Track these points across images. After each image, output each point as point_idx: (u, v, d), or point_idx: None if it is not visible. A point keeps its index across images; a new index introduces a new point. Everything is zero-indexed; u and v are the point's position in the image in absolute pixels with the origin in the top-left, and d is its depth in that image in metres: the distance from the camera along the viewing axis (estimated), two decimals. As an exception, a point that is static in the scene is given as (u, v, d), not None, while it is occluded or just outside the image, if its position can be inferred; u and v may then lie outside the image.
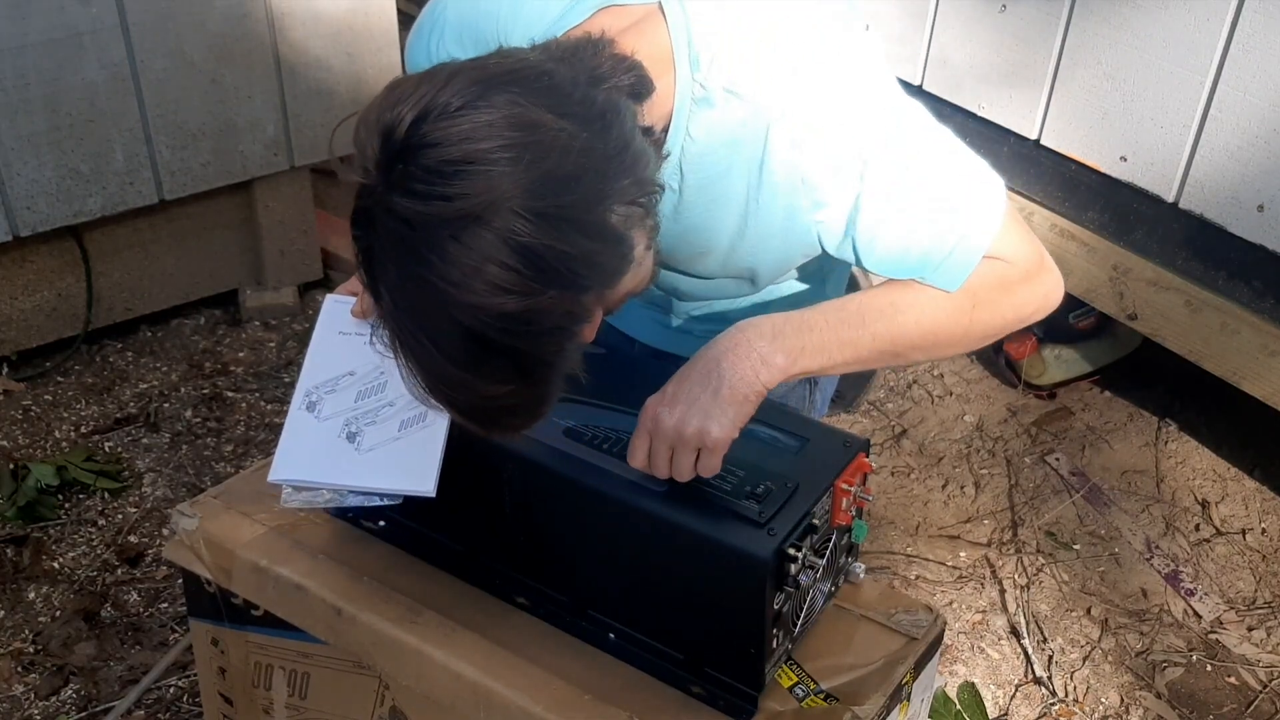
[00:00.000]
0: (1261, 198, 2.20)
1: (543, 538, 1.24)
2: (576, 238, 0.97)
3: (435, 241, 0.94)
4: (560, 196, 0.96)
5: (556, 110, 0.98)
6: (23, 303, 2.75)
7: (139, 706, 2.04)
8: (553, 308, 0.98)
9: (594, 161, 0.98)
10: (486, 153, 0.94)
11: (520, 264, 0.94)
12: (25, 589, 2.27)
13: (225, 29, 2.68)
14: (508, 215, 0.93)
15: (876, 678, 1.22)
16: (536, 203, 0.94)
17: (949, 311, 1.18)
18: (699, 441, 1.12)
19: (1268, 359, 2.27)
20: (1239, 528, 2.51)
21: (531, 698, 1.18)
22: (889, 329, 1.18)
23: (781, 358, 1.13)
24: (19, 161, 2.53)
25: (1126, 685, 2.18)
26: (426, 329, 0.97)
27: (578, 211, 0.98)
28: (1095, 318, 2.79)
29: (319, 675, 1.37)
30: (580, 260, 0.98)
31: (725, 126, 1.16)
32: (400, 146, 0.95)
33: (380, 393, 1.27)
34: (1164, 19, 2.26)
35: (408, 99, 0.96)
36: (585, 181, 0.98)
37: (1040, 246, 1.22)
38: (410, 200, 0.94)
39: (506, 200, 0.93)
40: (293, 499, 1.27)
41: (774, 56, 1.14)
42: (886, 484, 2.62)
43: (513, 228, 0.93)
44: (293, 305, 3.07)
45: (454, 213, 0.93)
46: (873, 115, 1.16)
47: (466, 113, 0.95)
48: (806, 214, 1.19)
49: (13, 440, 2.62)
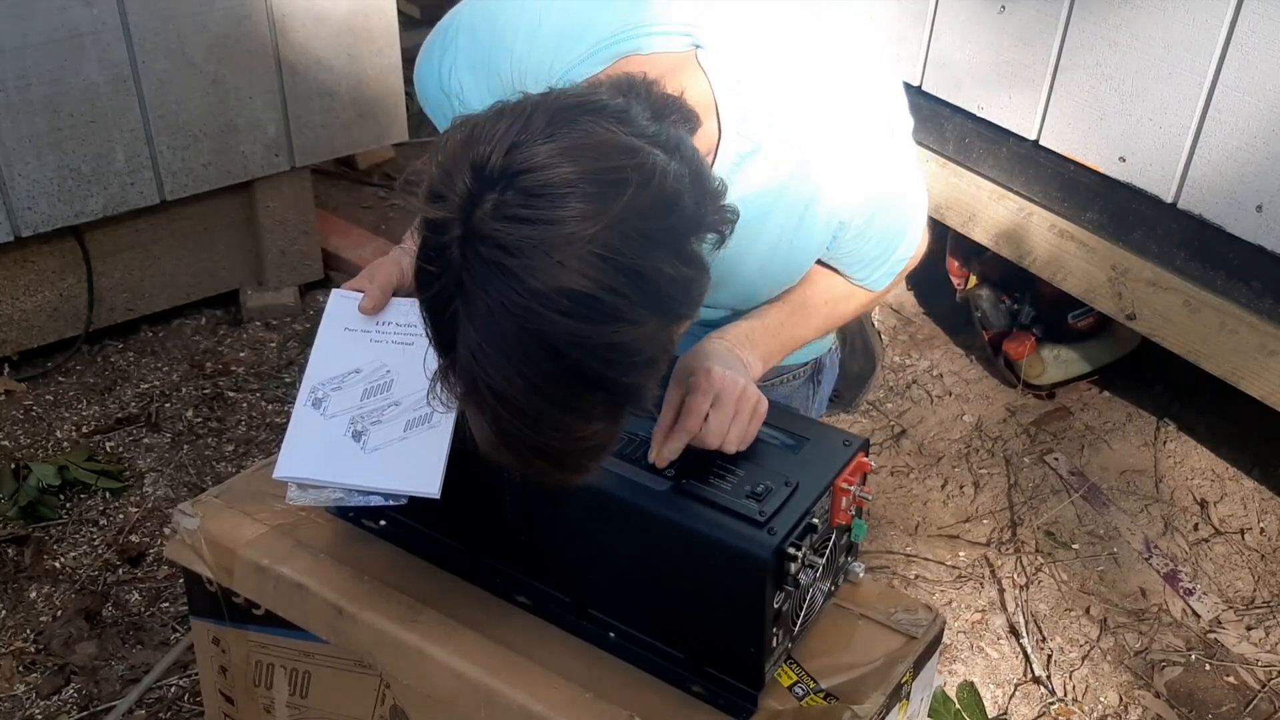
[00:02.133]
0: (1260, 198, 2.20)
1: (543, 537, 1.24)
2: (677, 263, 0.94)
3: (540, 268, 0.87)
4: (664, 219, 0.92)
5: (642, 137, 0.95)
6: (24, 303, 2.75)
7: (140, 706, 2.05)
8: (653, 336, 0.94)
9: (685, 187, 0.95)
10: (589, 174, 0.89)
11: (630, 289, 0.90)
12: (27, 588, 2.28)
13: (226, 30, 2.68)
14: (615, 237, 0.88)
15: (876, 677, 1.23)
16: (643, 224, 0.90)
17: (870, 299, 1.39)
18: (758, 407, 1.18)
19: (1266, 359, 2.28)
20: (1237, 527, 2.52)
21: (532, 696, 1.18)
22: (827, 320, 1.38)
23: (759, 363, 1.27)
24: (20, 162, 2.54)
25: (1125, 684, 2.19)
26: (521, 367, 0.89)
27: (676, 236, 0.94)
28: (1094, 318, 2.79)
29: (320, 674, 1.37)
30: (680, 286, 0.95)
31: (775, 175, 1.20)
32: (496, 174, 0.89)
33: (386, 392, 1.27)
34: (1163, 20, 2.26)
35: (492, 133, 0.91)
36: (683, 205, 0.95)
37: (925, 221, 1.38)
38: (509, 225, 0.87)
39: (614, 221, 0.88)
40: (298, 497, 1.27)
41: (816, 107, 1.19)
42: (886, 484, 2.63)
43: (620, 250, 0.89)
44: (293, 305, 3.07)
45: (559, 237, 0.87)
46: (893, 159, 1.26)
47: (559, 139, 0.90)
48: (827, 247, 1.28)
49: (14, 440, 2.62)
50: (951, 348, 3.08)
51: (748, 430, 1.17)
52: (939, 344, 3.09)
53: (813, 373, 1.55)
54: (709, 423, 1.15)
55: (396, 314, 1.30)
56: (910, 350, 3.07)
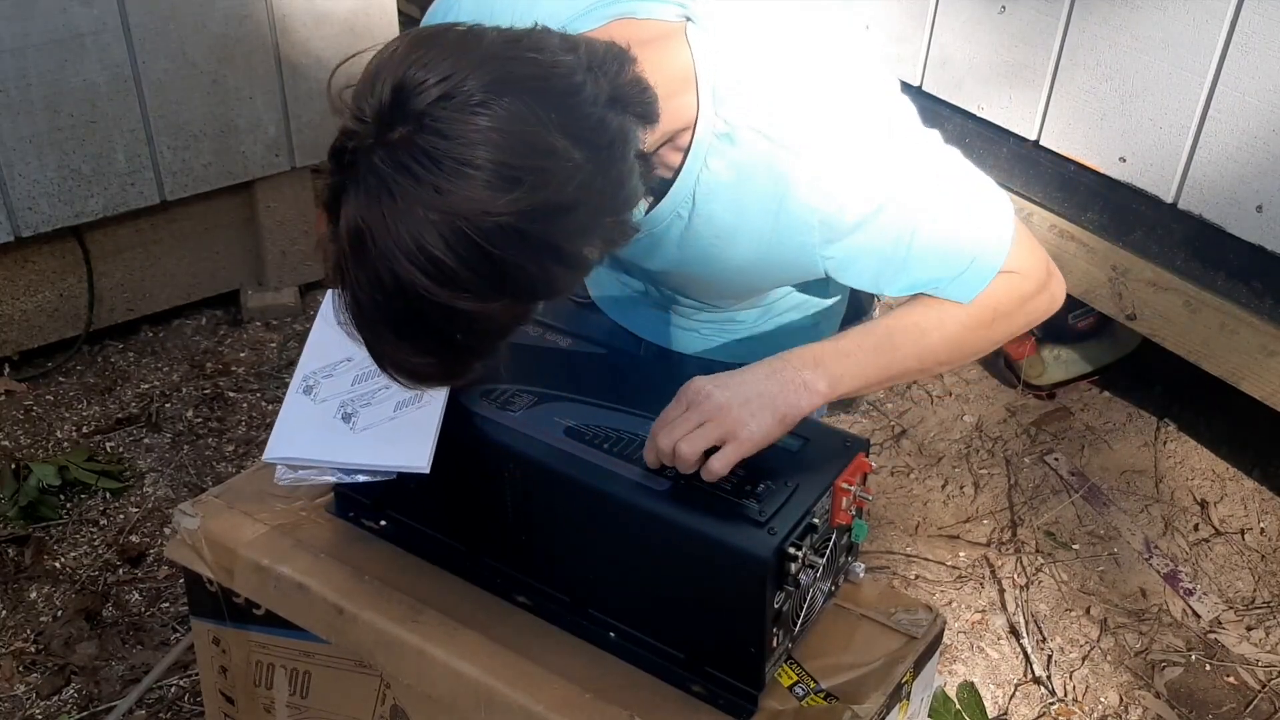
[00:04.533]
0: (1260, 198, 2.20)
1: (544, 537, 1.25)
2: (549, 263, 0.99)
3: (410, 221, 0.93)
4: (545, 223, 0.96)
5: (571, 133, 0.97)
6: (24, 303, 2.75)
7: (140, 706, 2.05)
8: (502, 315, 1.01)
9: (589, 198, 0.99)
10: (490, 163, 0.93)
11: (487, 272, 0.95)
12: (27, 589, 2.28)
13: (226, 30, 2.68)
14: (489, 227, 0.93)
15: (876, 677, 1.23)
16: (521, 223, 0.95)
17: (971, 327, 1.23)
18: (732, 430, 1.12)
19: (1266, 359, 2.28)
20: (1238, 527, 2.52)
21: (532, 696, 1.18)
22: (917, 349, 1.23)
23: (824, 384, 1.17)
24: (21, 162, 2.54)
25: (1125, 685, 2.19)
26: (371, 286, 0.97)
27: (558, 239, 0.98)
28: (1094, 318, 2.79)
29: (320, 674, 1.37)
30: (542, 279, 1.00)
31: (747, 164, 1.17)
32: (410, 115, 0.94)
33: (377, 376, 1.27)
34: (1163, 20, 2.26)
35: (434, 65, 0.95)
36: (574, 216, 0.99)
37: (1045, 253, 1.27)
38: (400, 174, 0.93)
39: (493, 213, 0.93)
40: (287, 477, 1.27)
41: (800, 97, 1.16)
42: (886, 484, 2.63)
43: (491, 239, 0.94)
44: (294, 305, 3.07)
45: (436, 204, 0.93)
46: (893, 156, 1.19)
47: (484, 113, 0.94)
48: (818, 250, 1.21)
49: (14, 440, 2.62)
50: (952, 348, 3.08)
51: (695, 443, 1.12)
52: (939, 344, 3.09)
53: None
54: (673, 428, 1.14)
55: None
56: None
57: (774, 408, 1.14)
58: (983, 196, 1.23)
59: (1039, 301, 1.27)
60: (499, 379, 1.26)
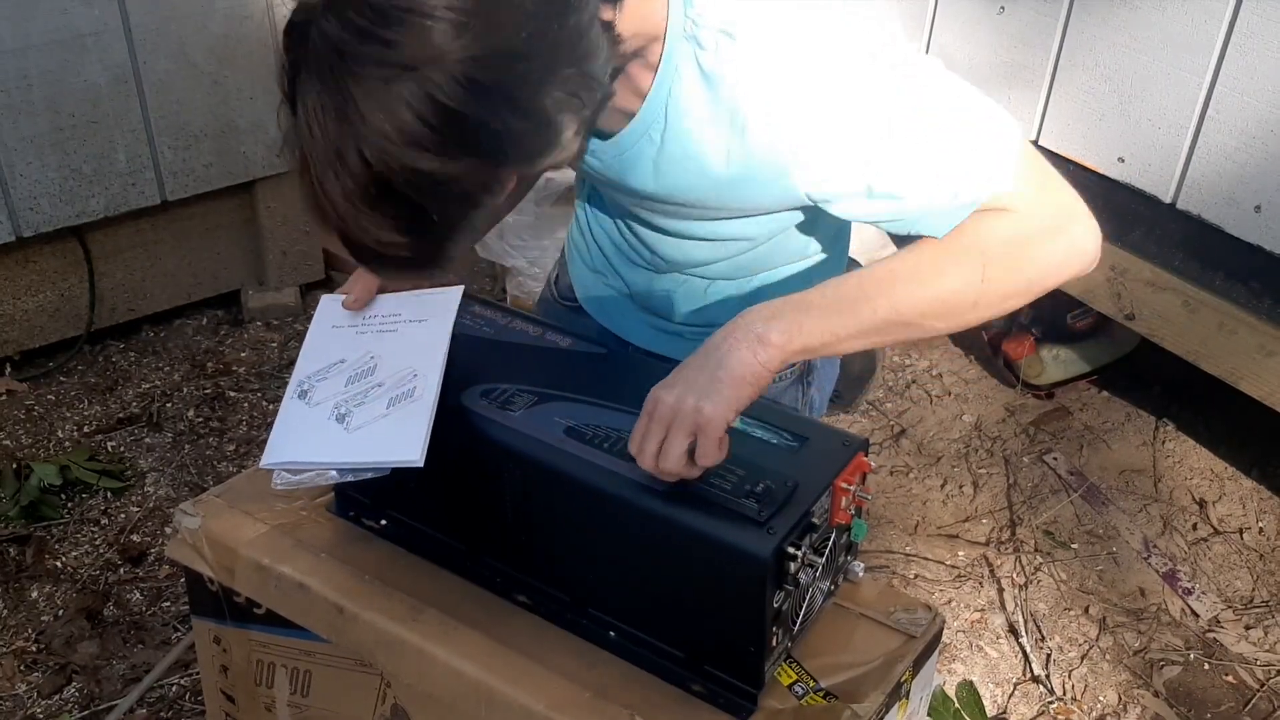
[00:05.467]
0: (1259, 198, 2.21)
1: (544, 537, 1.25)
2: (506, 114, 0.96)
3: (362, 79, 0.93)
4: (499, 71, 0.95)
5: None
6: (25, 303, 2.76)
7: (141, 705, 2.05)
8: (466, 175, 0.98)
9: (543, 45, 0.97)
10: (436, 9, 0.92)
11: (443, 125, 0.94)
12: (28, 588, 2.28)
13: (227, 30, 2.69)
14: (441, 76, 0.92)
15: (875, 676, 1.23)
16: (473, 71, 0.93)
17: (958, 275, 1.11)
18: (694, 420, 1.08)
19: (1265, 359, 2.28)
20: (1236, 527, 2.52)
21: (532, 695, 1.19)
22: (892, 299, 1.11)
23: (778, 335, 1.09)
24: (22, 162, 2.54)
25: (1124, 684, 2.19)
26: (335, 158, 0.96)
27: (513, 88, 0.96)
28: (1093, 318, 2.80)
29: (321, 673, 1.38)
30: (505, 136, 0.97)
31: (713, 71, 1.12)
32: None
33: (370, 375, 1.27)
34: (1162, 21, 2.27)
35: None
36: (529, 62, 0.96)
37: (1070, 195, 1.12)
38: (347, 33, 0.93)
39: (443, 62, 0.92)
40: (285, 480, 1.27)
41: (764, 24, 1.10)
42: (885, 483, 2.63)
43: (443, 89, 0.92)
44: (294, 305, 3.08)
45: (387, 58, 0.92)
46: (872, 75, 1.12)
47: None
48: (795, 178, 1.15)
49: (16, 440, 2.62)
50: (950, 348, 3.09)
51: (670, 455, 1.09)
52: (938, 344, 3.10)
53: (801, 374, 1.50)
54: (643, 443, 1.11)
55: (381, 308, 1.33)
56: (909, 350, 3.08)
57: (728, 379, 1.09)
58: (978, 126, 1.11)
59: (1051, 248, 1.11)
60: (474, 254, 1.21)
